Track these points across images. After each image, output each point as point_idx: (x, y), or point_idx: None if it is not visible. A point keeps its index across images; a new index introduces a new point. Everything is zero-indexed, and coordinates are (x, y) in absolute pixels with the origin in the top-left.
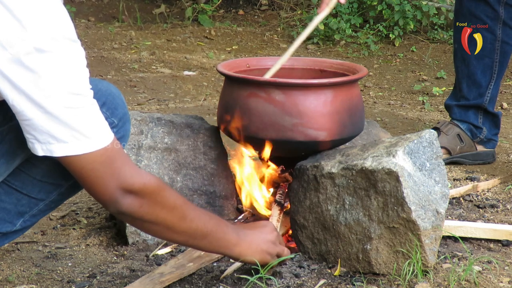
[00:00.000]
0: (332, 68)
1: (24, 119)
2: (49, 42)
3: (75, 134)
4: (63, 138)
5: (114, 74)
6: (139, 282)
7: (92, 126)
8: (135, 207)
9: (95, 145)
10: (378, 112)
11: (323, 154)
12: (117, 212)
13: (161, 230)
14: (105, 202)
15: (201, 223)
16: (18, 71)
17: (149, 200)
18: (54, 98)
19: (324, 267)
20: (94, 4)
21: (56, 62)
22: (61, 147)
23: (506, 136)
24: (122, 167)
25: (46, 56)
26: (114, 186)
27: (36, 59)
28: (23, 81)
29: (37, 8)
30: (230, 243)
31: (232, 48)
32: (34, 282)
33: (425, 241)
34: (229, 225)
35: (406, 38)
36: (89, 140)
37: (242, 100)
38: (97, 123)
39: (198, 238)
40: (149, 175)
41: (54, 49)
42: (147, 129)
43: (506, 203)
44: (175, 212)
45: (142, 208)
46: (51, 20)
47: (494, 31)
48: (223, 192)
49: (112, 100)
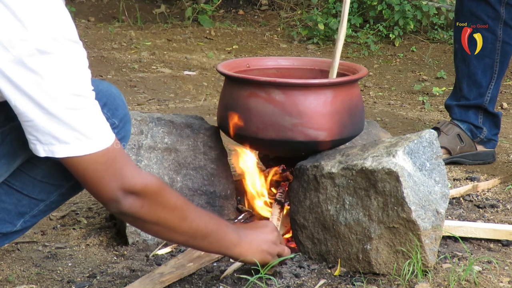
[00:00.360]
0: None
1: (26, 120)
2: (51, 43)
3: (77, 135)
4: (65, 139)
5: (114, 74)
6: (139, 282)
7: (94, 127)
8: (136, 207)
9: (97, 146)
10: (378, 112)
11: (323, 154)
12: (119, 212)
13: (162, 230)
14: (106, 202)
15: (201, 223)
16: (20, 72)
17: (150, 200)
18: (57, 100)
19: (324, 267)
20: (94, 4)
21: (58, 64)
22: (63, 148)
23: (506, 136)
24: (123, 167)
25: (48, 57)
26: (115, 187)
27: (38, 61)
28: (25, 83)
29: (39, 9)
30: (230, 243)
31: (232, 48)
32: (34, 282)
33: (425, 241)
34: (229, 225)
35: (406, 38)
36: (91, 141)
37: (242, 100)
38: (99, 124)
39: (198, 239)
40: (150, 175)
41: (56, 50)
42: (147, 129)
43: (506, 203)
44: (176, 213)
45: (143, 209)
46: (53, 21)
47: (495, 31)
48: (223, 192)
49: (113, 101)
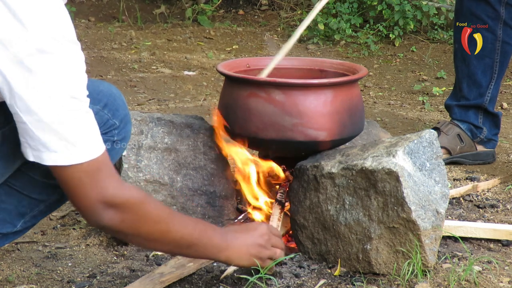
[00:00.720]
0: (332, 68)
1: (19, 122)
2: (51, 42)
3: (66, 144)
4: (53, 148)
5: (114, 74)
6: (139, 282)
7: (84, 135)
8: (116, 221)
9: (85, 156)
10: (378, 112)
11: (323, 154)
12: (97, 225)
13: (145, 242)
14: (84, 213)
15: (186, 233)
16: (17, 72)
17: (131, 214)
18: (49, 101)
19: (324, 267)
20: (94, 4)
21: (57, 63)
22: (51, 156)
23: (506, 136)
24: (106, 179)
25: (47, 57)
26: (96, 199)
27: (36, 60)
28: (20, 83)
29: (39, 9)
30: (216, 249)
31: (232, 48)
32: (34, 282)
33: (425, 241)
34: (217, 230)
35: (406, 38)
36: (79, 150)
37: (242, 100)
38: (90, 133)
39: (183, 248)
40: (134, 188)
41: (56, 50)
42: (147, 129)
43: (506, 203)
44: (159, 226)
45: (124, 223)
46: (53, 21)
47: (495, 31)
48: (223, 192)
49: (114, 102)
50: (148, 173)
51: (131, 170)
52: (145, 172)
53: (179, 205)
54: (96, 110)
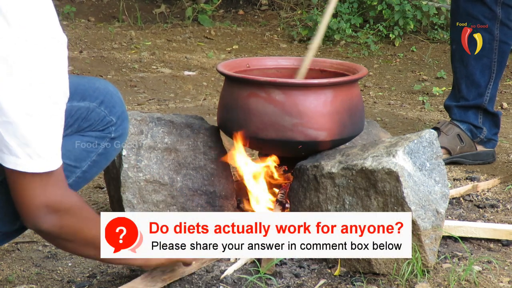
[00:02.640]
0: (332, 68)
1: None
2: (32, 41)
3: (30, 152)
4: (16, 153)
5: (114, 74)
6: (140, 280)
7: (51, 148)
8: (56, 227)
9: (46, 167)
10: (378, 112)
11: (323, 154)
12: (35, 229)
13: (78, 247)
14: (26, 216)
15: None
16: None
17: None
18: (24, 105)
19: (324, 267)
20: (94, 4)
21: (35, 65)
22: (12, 160)
23: (506, 136)
24: (54, 185)
25: (26, 57)
26: (40, 203)
27: (14, 59)
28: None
29: (24, 5)
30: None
31: (232, 48)
32: (34, 282)
33: (425, 241)
34: None
35: (406, 38)
36: (43, 161)
37: (242, 100)
38: (56, 145)
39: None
40: (75, 195)
41: (36, 51)
42: (147, 129)
43: (506, 203)
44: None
45: (63, 229)
46: (38, 18)
47: (492, 31)
48: (223, 192)
49: (110, 99)
50: (148, 173)
51: (131, 170)
52: (145, 172)
53: (179, 205)
54: (92, 107)
